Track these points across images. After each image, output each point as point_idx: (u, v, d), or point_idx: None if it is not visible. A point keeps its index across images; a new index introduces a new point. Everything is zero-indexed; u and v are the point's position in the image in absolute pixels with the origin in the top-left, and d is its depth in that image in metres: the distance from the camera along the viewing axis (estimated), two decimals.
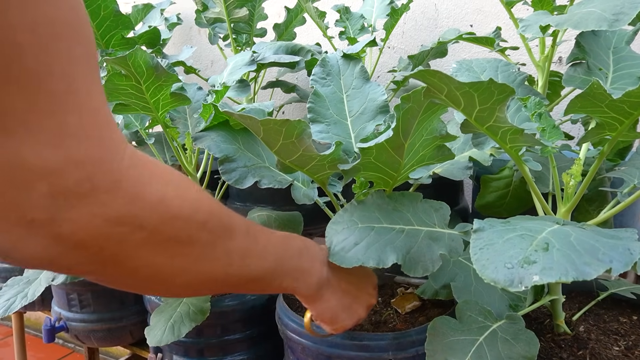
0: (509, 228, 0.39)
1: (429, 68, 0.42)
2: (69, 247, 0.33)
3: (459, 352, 0.52)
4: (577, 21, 0.50)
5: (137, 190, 0.35)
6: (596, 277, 0.76)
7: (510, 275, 0.35)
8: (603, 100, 0.41)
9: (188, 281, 0.42)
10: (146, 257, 0.38)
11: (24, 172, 0.30)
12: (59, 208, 0.31)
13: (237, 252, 0.46)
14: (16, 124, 0.29)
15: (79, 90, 0.32)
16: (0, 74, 0.28)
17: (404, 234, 0.57)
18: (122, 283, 0.40)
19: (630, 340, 0.65)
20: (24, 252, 0.32)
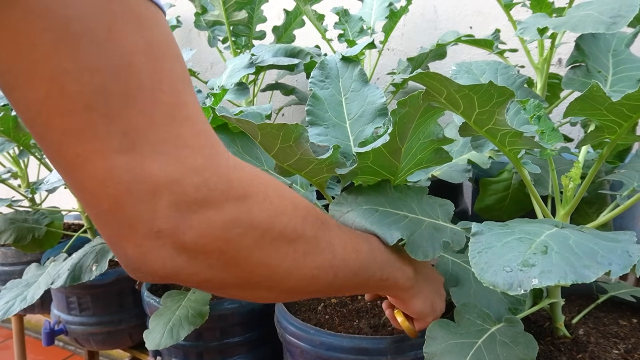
0: (507, 231, 0.39)
1: (428, 70, 0.42)
2: (193, 254, 0.35)
3: (457, 356, 0.52)
4: (574, 24, 0.50)
5: (245, 191, 0.37)
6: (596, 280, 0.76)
7: (510, 278, 0.35)
8: (602, 103, 0.41)
9: (298, 281, 0.43)
10: (260, 256, 0.39)
11: (149, 185, 0.32)
12: (182, 216, 0.34)
13: (337, 243, 0.47)
14: (139, 140, 0.32)
15: (186, 103, 0.34)
16: (122, 95, 0.31)
17: (407, 219, 0.57)
18: (235, 289, 0.42)
19: (630, 344, 0.64)
20: (154, 264, 0.34)
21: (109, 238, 0.35)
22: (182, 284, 0.38)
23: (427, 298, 0.61)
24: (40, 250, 1.19)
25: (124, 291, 1.08)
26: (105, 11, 0.30)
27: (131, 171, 0.32)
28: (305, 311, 0.81)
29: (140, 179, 0.32)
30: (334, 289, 0.49)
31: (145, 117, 0.32)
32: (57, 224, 1.17)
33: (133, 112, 0.31)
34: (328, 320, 0.78)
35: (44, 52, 0.29)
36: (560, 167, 0.73)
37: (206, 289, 0.41)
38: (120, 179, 0.32)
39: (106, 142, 0.31)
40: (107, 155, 0.31)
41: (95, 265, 0.86)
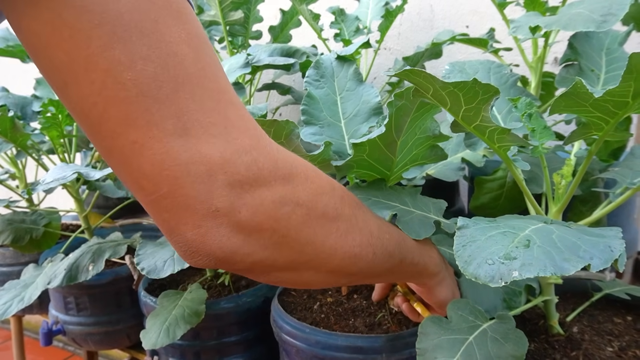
0: (492, 226, 0.40)
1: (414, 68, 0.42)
2: (248, 233, 0.36)
3: (448, 351, 0.52)
4: (565, 22, 0.50)
5: (289, 171, 0.39)
6: (590, 278, 0.76)
7: (492, 271, 0.35)
8: (587, 99, 0.41)
9: (342, 259, 0.44)
10: (308, 234, 0.41)
11: (205, 166, 0.34)
12: (236, 195, 0.35)
13: (373, 223, 0.49)
14: (192, 124, 0.33)
15: (226, 88, 0.37)
16: (172, 82, 0.33)
17: (398, 208, 0.58)
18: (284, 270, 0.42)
19: (624, 341, 0.64)
20: (212, 244, 0.35)
21: (168, 223, 0.35)
22: (235, 267, 0.38)
23: (450, 286, 0.62)
24: (38, 251, 1.19)
25: (122, 291, 1.08)
26: (151, 4, 0.32)
27: (187, 152, 0.33)
28: (301, 310, 0.82)
29: (197, 160, 0.33)
30: (373, 270, 0.50)
31: (195, 102, 0.34)
32: (54, 224, 1.17)
33: (183, 97, 0.33)
34: (324, 319, 0.78)
35: (99, 45, 0.31)
36: (556, 166, 0.73)
37: (258, 271, 0.41)
38: (178, 161, 0.33)
39: (161, 126, 0.33)
40: (163, 140, 0.33)
41: (91, 265, 0.86)
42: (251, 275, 0.42)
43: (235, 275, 1.01)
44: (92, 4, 0.30)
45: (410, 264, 0.55)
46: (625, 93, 0.40)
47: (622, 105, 0.42)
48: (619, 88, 0.38)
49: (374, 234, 0.48)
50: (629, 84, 0.38)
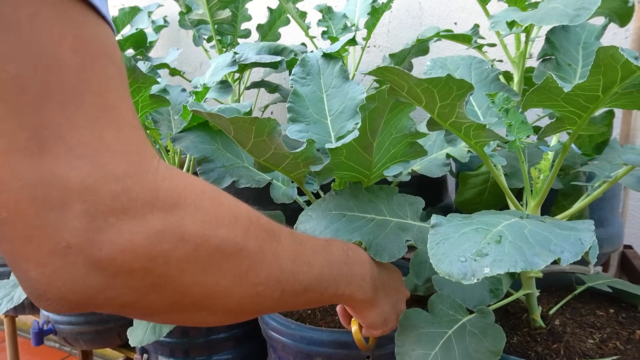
0: (465, 222, 0.40)
1: (388, 66, 0.42)
2: (111, 274, 0.30)
3: (427, 344, 0.53)
4: (540, 17, 0.50)
5: (174, 201, 0.33)
6: (574, 272, 0.76)
7: (464, 268, 0.35)
8: (558, 94, 0.41)
9: (241, 299, 0.38)
10: (194, 275, 0.34)
11: (59, 191, 0.28)
12: (97, 228, 0.29)
13: (286, 256, 0.43)
14: (53, 140, 0.28)
15: (114, 106, 0.32)
16: (39, 88, 0.28)
17: (373, 222, 0.58)
18: (166, 313, 0.36)
19: (605, 333, 0.65)
20: (61, 287, 0.29)
21: (8, 256, 0.30)
22: (99, 310, 0.33)
23: (382, 312, 0.59)
24: None
25: None
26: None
27: (37, 172, 0.28)
28: None
29: (48, 183, 0.28)
30: (283, 305, 0.45)
31: (65, 116, 0.29)
32: None
33: (50, 108, 0.28)
34: (310, 315, 0.78)
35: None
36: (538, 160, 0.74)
37: (130, 314, 0.35)
38: (23, 181, 0.28)
39: (12, 137, 0.27)
40: (9, 154, 0.27)
41: None
42: (130, 316, 0.36)
43: None
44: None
45: (333, 295, 0.51)
46: (595, 87, 0.40)
47: (594, 99, 0.42)
48: (588, 82, 0.38)
49: (286, 269, 0.43)
50: (598, 78, 0.38)
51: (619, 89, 0.42)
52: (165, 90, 0.90)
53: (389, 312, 0.60)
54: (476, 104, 0.66)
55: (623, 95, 0.44)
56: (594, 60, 0.36)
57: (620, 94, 0.43)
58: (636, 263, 0.91)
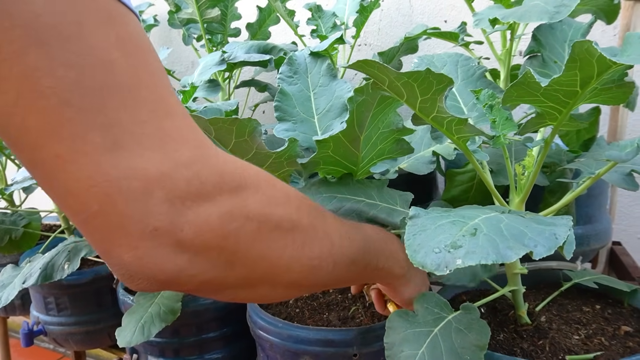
0: (443, 215, 0.40)
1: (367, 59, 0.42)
2: (193, 252, 0.33)
3: (414, 344, 0.53)
4: (521, 14, 0.51)
5: (238, 183, 0.36)
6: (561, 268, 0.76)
7: (438, 259, 0.35)
8: (538, 89, 0.41)
9: (299, 273, 0.42)
10: (260, 250, 0.38)
11: (140, 181, 0.31)
12: (177, 212, 0.32)
13: (334, 232, 0.46)
14: (123, 136, 0.31)
15: (165, 98, 0.34)
16: (99, 90, 0.30)
17: (363, 203, 0.59)
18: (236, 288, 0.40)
19: (590, 329, 0.65)
20: (152, 267, 0.32)
21: (101, 245, 0.33)
22: (181, 289, 0.36)
23: (417, 285, 0.62)
24: (18, 252, 1.19)
25: (102, 291, 1.08)
26: (74, 5, 0.30)
27: (118, 167, 0.30)
28: (276, 305, 0.82)
29: (130, 175, 0.31)
30: (334, 279, 0.48)
31: (127, 112, 0.31)
32: (34, 225, 1.17)
33: (112, 107, 0.30)
34: (298, 314, 0.78)
35: (13, 50, 0.28)
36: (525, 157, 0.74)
37: (207, 292, 0.39)
38: (108, 176, 0.30)
39: (88, 139, 0.30)
40: (90, 153, 0.30)
41: (67, 263, 0.86)
42: (201, 294, 0.39)
43: None
44: (1, 5, 0.27)
45: (374, 269, 0.54)
46: (573, 82, 0.40)
47: (572, 94, 0.42)
48: (565, 77, 0.38)
49: (335, 243, 0.46)
50: (574, 72, 0.38)
51: (598, 85, 0.42)
52: None
53: (421, 287, 0.63)
54: (462, 101, 0.66)
55: (603, 91, 0.44)
56: (569, 54, 0.36)
57: (599, 89, 0.44)
58: (624, 259, 0.91)
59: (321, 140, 0.56)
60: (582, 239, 0.83)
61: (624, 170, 0.58)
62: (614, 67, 0.36)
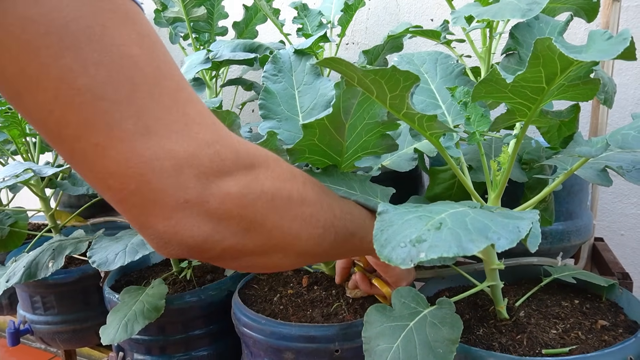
0: (411, 210, 0.40)
1: (334, 57, 0.43)
2: (217, 221, 0.38)
3: (390, 338, 0.53)
4: (495, 12, 0.51)
5: (251, 161, 0.41)
6: (541, 264, 0.77)
7: (403, 253, 0.36)
8: (505, 85, 0.42)
9: (307, 241, 0.47)
10: (274, 220, 0.42)
11: (171, 161, 0.35)
12: (203, 186, 0.37)
13: (336, 206, 0.52)
14: (153, 122, 0.35)
15: (184, 86, 0.38)
16: (128, 83, 0.34)
17: (345, 192, 0.60)
18: (254, 255, 0.44)
19: (568, 324, 0.66)
20: (184, 234, 0.37)
21: (138, 218, 0.37)
22: (207, 255, 0.40)
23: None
24: (4, 251, 1.19)
25: (89, 289, 1.08)
26: (97, 9, 0.33)
27: (151, 149, 0.34)
28: (261, 302, 0.82)
29: (162, 156, 0.35)
30: (336, 249, 0.53)
31: (154, 101, 0.35)
32: (21, 224, 1.16)
33: (141, 97, 0.34)
34: (282, 310, 0.79)
35: (49, 55, 0.31)
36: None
37: (229, 257, 0.42)
38: (143, 158, 0.34)
39: (123, 127, 0.34)
40: (125, 139, 0.34)
41: (51, 262, 0.86)
42: (222, 262, 0.44)
43: (200, 271, 1.01)
44: (36, 15, 0.31)
45: (370, 241, 0.57)
46: (538, 79, 0.41)
47: (539, 90, 0.43)
48: (529, 73, 0.39)
49: (337, 216, 0.51)
50: (539, 69, 0.39)
51: (564, 81, 0.43)
52: None
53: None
54: (441, 99, 0.66)
55: (570, 88, 0.44)
56: (532, 51, 0.36)
57: (566, 86, 0.44)
58: (605, 255, 0.92)
59: (307, 125, 0.57)
60: (563, 234, 0.84)
61: (598, 166, 0.59)
62: (576, 63, 0.37)
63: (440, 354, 0.50)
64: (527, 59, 0.64)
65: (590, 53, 0.35)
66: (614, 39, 0.36)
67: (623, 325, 0.65)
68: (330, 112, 0.57)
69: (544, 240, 0.84)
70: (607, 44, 0.35)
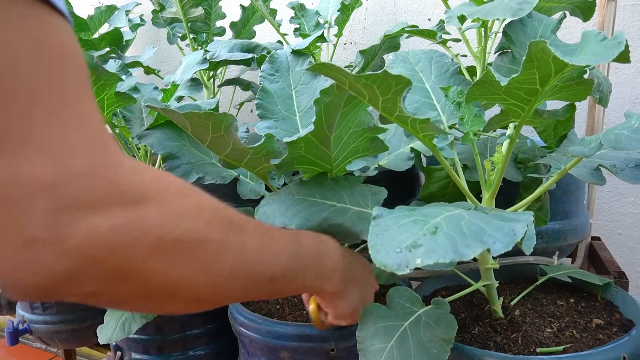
0: (406, 214, 0.41)
1: (326, 62, 0.43)
2: (76, 263, 0.32)
3: (384, 337, 0.54)
4: (487, 11, 0.51)
5: (139, 195, 0.35)
6: (537, 263, 0.77)
7: (398, 259, 0.36)
8: (499, 88, 0.42)
9: (205, 288, 0.40)
10: (157, 264, 0.36)
11: (22, 189, 0.30)
12: (61, 223, 0.31)
13: (251, 248, 0.44)
14: (16, 140, 0.30)
15: (76, 105, 0.33)
16: (1, 95, 0.29)
17: (334, 208, 0.59)
18: (133, 301, 0.38)
19: (563, 322, 0.66)
20: (28, 277, 0.31)
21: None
22: (67, 298, 0.34)
23: (351, 303, 0.61)
24: None
25: None
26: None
27: (4, 172, 0.29)
28: (257, 302, 0.83)
29: (15, 182, 0.29)
30: (248, 293, 0.47)
31: (26, 116, 0.30)
32: None
33: (14, 111, 0.29)
34: (278, 310, 0.79)
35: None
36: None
37: (99, 303, 0.36)
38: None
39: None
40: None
41: None
42: (95, 304, 0.37)
43: None
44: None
45: (301, 286, 0.53)
46: (532, 80, 0.41)
47: (533, 92, 0.43)
48: (524, 76, 0.39)
49: (251, 259, 0.44)
50: (533, 71, 0.39)
51: (558, 82, 0.43)
52: (136, 89, 0.90)
53: (357, 303, 0.62)
54: (435, 98, 0.66)
55: (563, 88, 0.45)
56: (526, 54, 0.37)
57: (560, 87, 0.44)
58: (602, 254, 0.92)
59: (291, 142, 0.57)
60: (559, 234, 0.84)
61: (592, 165, 0.59)
62: (570, 66, 0.37)
63: (435, 354, 0.50)
64: (520, 58, 0.64)
65: (584, 56, 0.35)
66: (608, 41, 0.36)
67: (618, 324, 0.65)
68: (312, 129, 0.57)
69: (540, 239, 0.84)
70: (601, 47, 0.35)
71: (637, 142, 0.43)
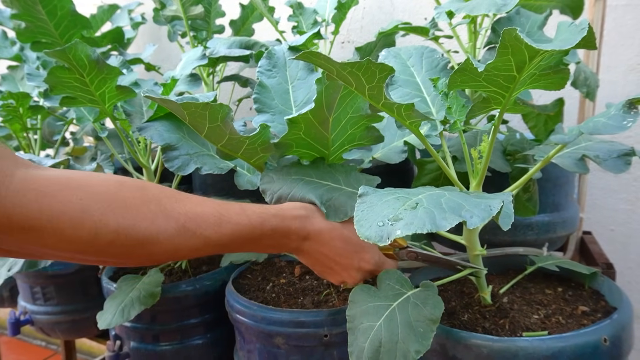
0: (389, 192, 0.43)
1: (312, 51, 0.45)
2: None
3: (373, 316, 0.56)
4: (473, 6, 0.54)
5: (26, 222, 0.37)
6: (527, 254, 0.78)
7: (380, 232, 0.38)
8: (478, 74, 0.44)
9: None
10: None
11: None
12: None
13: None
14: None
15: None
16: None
17: (328, 186, 0.62)
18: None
19: (550, 309, 0.68)
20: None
21: None
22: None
23: (313, 260, 0.68)
24: None
25: (88, 280, 1.11)
26: None
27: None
28: (254, 291, 0.85)
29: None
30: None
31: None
32: None
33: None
34: (274, 299, 0.81)
35: None
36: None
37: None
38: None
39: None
40: None
41: None
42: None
43: (196, 262, 1.04)
44: None
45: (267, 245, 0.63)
46: (509, 67, 0.43)
47: (511, 79, 0.45)
48: (500, 62, 0.41)
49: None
50: (508, 58, 0.41)
51: (536, 70, 0.45)
52: (136, 83, 0.92)
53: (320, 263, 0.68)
54: (425, 91, 0.68)
55: (542, 77, 0.47)
56: (500, 41, 0.39)
57: (538, 75, 0.47)
58: (592, 247, 0.94)
59: (292, 119, 0.59)
60: (549, 226, 0.86)
61: (576, 156, 0.61)
62: (542, 52, 0.39)
63: (421, 333, 0.52)
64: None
65: (553, 43, 0.37)
66: (573, 27, 0.38)
67: (603, 311, 0.67)
68: (312, 107, 0.60)
69: (530, 231, 0.86)
70: (567, 33, 0.38)
71: (612, 128, 0.45)
